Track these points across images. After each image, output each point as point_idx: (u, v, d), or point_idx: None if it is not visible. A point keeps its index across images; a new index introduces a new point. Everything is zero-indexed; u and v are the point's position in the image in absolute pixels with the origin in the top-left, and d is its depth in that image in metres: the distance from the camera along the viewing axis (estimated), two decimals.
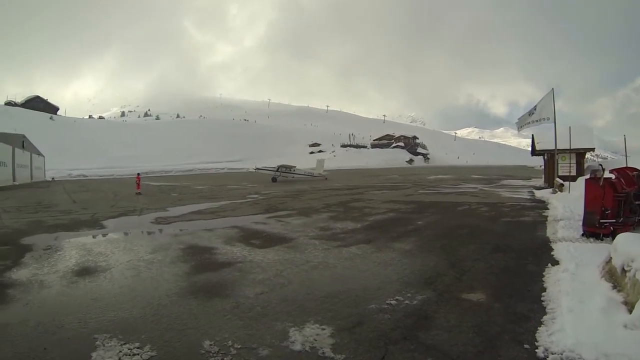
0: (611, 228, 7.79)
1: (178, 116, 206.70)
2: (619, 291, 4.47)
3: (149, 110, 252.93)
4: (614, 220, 7.80)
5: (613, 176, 8.24)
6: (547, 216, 12.01)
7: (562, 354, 3.62)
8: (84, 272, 6.66)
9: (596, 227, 7.98)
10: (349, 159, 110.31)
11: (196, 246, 8.61)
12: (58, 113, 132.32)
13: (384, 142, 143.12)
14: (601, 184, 7.89)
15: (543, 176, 28.01)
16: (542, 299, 4.98)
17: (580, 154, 22.95)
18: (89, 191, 28.85)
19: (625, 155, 14.53)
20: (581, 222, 8.58)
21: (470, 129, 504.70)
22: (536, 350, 3.73)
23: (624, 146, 14.67)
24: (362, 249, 8.10)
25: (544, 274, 6.00)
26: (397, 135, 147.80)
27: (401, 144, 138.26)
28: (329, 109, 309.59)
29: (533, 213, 13.07)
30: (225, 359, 3.65)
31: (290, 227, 10.87)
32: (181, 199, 20.85)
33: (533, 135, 26.35)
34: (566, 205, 12.26)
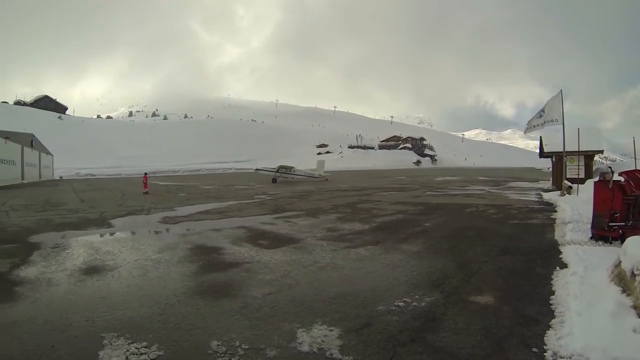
0: (620, 231, 7.71)
1: (186, 116, 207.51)
2: (628, 295, 4.43)
3: (156, 110, 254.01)
4: (623, 224, 7.71)
5: (622, 179, 8.17)
6: (555, 219, 11.92)
7: (570, 357, 3.60)
8: (91, 270, 6.70)
9: (605, 230, 7.91)
10: (357, 160, 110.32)
11: (204, 246, 8.62)
12: (66, 113, 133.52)
13: (392, 143, 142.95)
14: (610, 186, 7.82)
15: (551, 178, 27.81)
16: (550, 302, 4.94)
17: (588, 156, 22.77)
18: (96, 190, 29.05)
19: (635, 158, 14.38)
20: (590, 225, 8.50)
21: (477, 131, 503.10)
22: (545, 354, 3.71)
23: (633, 148, 14.52)
24: (370, 250, 8.08)
25: (552, 277, 5.96)
26: (404, 137, 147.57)
27: (408, 145, 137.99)
28: (336, 109, 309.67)
29: (541, 215, 12.98)
30: (232, 359, 3.66)
31: (298, 228, 10.86)
32: (189, 198, 20.93)
33: (541, 137, 26.20)
34: (574, 208, 12.18)
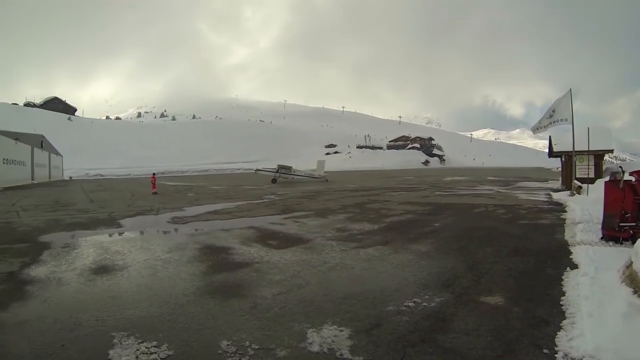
0: (631, 231, 7.62)
1: (194, 117, 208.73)
2: (639, 296, 4.40)
3: (165, 111, 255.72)
4: (634, 224, 7.63)
5: (633, 178, 8.08)
6: (565, 219, 11.81)
7: (582, 359, 3.57)
8: (101, 270, 6.74)
9: (616, 231, 7.82)
10: (365, 160, 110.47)
11: (213, 246, 8.65)
12: (76, 114, 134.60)
13: (400, 143, 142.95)
14: (621, 186, 7.75)
15: (560, 178, 27.61)
16: (561, 303, 4.89)
17: (598, 155, 22.54)
18: (106, 190, 29.26)
19: None
20: (600, 225, 8.41)
21: (486, 130, 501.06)
22: (555, 355, 3.68)
23: None
24: (379, 250, 8.06)
25: (562, 277, 5.90)
26: (412, 137, 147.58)
27: (417, 145, 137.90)
28: (344, 110, 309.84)
29: (551, 216, 12.87)
30: (242, 359, 3.66)
31: (307, 228, 10.85)
32: (197, 199, 21.01)
33: (550, 137, 25.98)
34: (584, 208, 12.07)
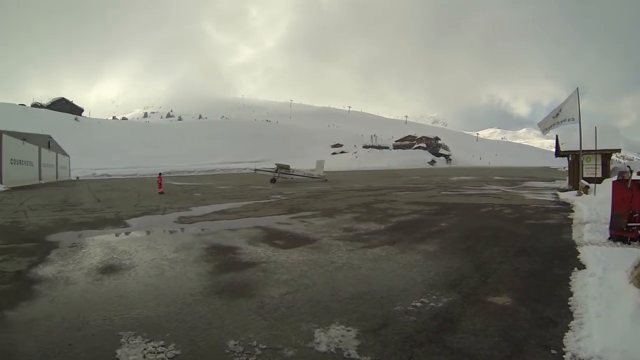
0: (639, 232, 7.61)
1: (200, 117, 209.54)
2: None
3: (171, 111, 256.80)
4: None
5: None
6: (572, 219, 11.74)
7: None
8: (108, 269, 6.78)
9: (623, 231, 7.76)
10: (371, 160, 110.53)
11: (219, 246, 8.66)
12: (82, 114, 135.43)
13: (406, 143, 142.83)
14: (629, 186, 7.69)
15: (567, 178, 27.39)
16: (568, 303, 4.87)
17: (606, 155, 22.30)
18: (112, 190, 29.42)
19: None
20: (608, 225, 8.36)
21: (492, 130, 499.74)
22: (563, 356, 3.66)
23: None
24: (386, 250, 8.05)
25: (570, 278, 5.87)
26: (419, 136, 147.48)
27: (423, 145, 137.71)
28: (350, 109, 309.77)
29: (558, 216, 12.81)
30: (250, 359, 3.66)
31: (314, 228, 10.85)
32: (204, 198, 21.07)
33: (557, 136, 25.79)
34: (592, 208, 12.02)
